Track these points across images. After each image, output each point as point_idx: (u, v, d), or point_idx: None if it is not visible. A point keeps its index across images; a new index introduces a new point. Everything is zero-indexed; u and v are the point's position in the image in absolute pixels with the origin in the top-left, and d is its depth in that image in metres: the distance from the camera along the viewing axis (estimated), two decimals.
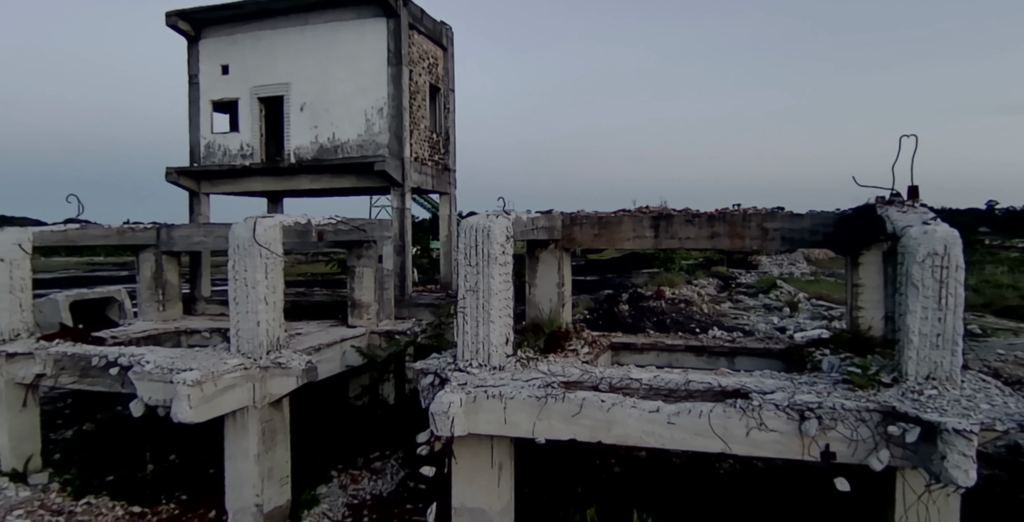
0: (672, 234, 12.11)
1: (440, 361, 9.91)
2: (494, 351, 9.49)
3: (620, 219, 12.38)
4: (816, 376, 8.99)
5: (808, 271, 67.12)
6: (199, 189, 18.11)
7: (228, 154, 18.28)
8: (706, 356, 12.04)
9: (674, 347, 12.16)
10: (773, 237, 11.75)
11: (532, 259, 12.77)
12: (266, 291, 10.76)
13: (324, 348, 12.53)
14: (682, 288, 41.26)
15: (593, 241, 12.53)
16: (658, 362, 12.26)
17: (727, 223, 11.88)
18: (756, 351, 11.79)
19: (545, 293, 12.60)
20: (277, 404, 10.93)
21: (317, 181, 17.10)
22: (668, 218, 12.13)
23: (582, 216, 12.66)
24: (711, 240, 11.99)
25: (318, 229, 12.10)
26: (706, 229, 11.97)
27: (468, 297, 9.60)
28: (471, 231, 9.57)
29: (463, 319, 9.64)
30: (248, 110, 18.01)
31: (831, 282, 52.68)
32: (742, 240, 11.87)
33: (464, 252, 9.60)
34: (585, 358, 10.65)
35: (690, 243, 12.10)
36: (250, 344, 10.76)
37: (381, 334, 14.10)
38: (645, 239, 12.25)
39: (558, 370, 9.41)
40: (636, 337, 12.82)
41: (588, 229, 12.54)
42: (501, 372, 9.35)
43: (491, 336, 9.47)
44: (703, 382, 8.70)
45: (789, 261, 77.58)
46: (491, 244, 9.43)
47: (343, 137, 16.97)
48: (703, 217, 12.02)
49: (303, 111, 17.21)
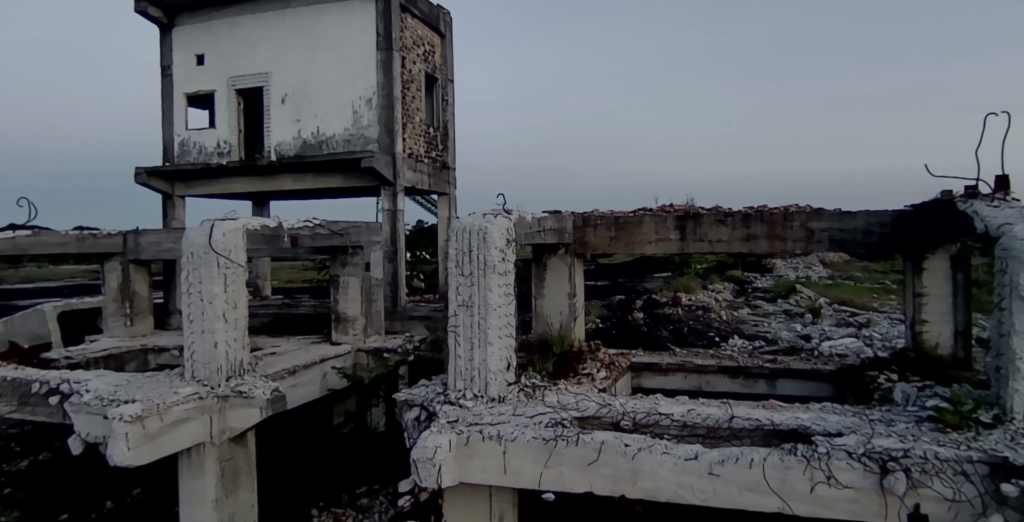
0: (701, 236, 10.43)
1: (428, 390, 8.26)
2: (492, 379, 7.83)
3: (640, 219, 10.72)
4: (890, 411, 7.28)
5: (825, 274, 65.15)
6: (173, 191, 16.53)
7: (204, 152, 16.71)
8: (742, 378, 10.33)
9: (705, 368, 10.46)
10: (819, 239, 10.06)
11: (539, 266, 11.12)
12: (225, 306, 9.15)
13: (300, 370, 10.91)
14: (698, 293, 39.42)
15: (609, 245, 10.87)
16: (686, 386, 10.57)
17: (765, 223, 10.20)
18: (802, 373, 10.08)
19: (554, 305, 10.95)
20: (240, 439, 9.31)
21: (300, 181, 15.49)
22: (696, 218, 10.46)
23: (596, 216, 11.00)
24: (746, 243, 10.31)
25: (291, 233, 10.50)
26: (740, 230, 10.29)
27: (461, 314, 7.96)
28: (464, 234, 7.94)
29: (455, 341, 8.00)
30: (225, 103, 16.44)
31: (850, 286, 50.74)
32: (783, 242, 10.19)
33: (456, 259, 7.97)
34: (602, 384, 8.98)
35: (722, 246, 10.42)
36: (207, 369, 9.16)
37: (369, 352, 12.47)
38: (669, 242, 10.58)
39: (570, 402, 7.73)
40: (660, 356, 11.12)
41: (603, 231, 10.89)
42: (501, 405, 7.69)
43: (489, 361, 7.82)
44: (750, 419, 7.01)
45: (805, 264, 75.53)
46: (488, 249, 7.79)
47: (328, 131, 15.39)
48: (737, 216, 10.34)
49: (284, 103, 15.66)
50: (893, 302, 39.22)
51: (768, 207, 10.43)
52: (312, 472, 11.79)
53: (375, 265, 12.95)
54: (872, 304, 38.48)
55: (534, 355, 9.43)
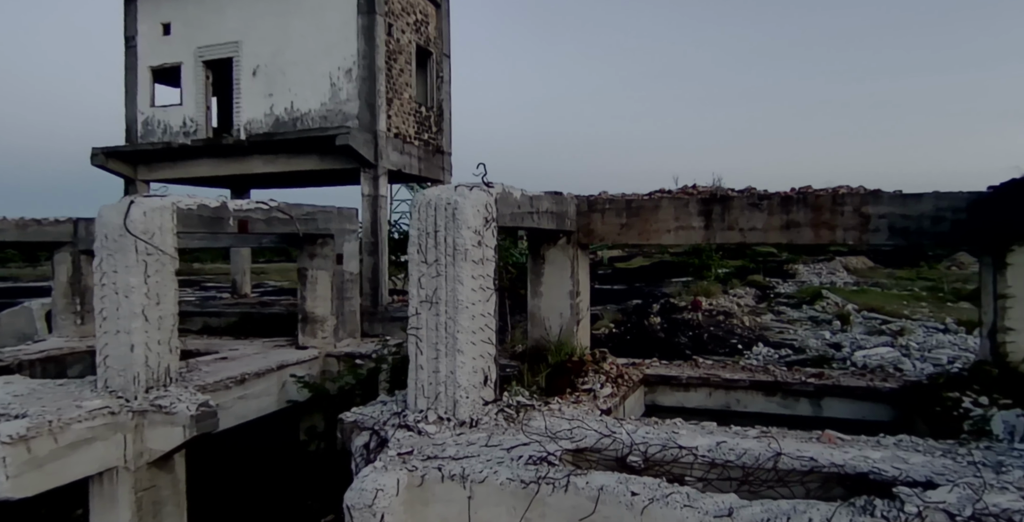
0: (730, 223, 8.62)
1: (384, 410, 6.53)
2: (463, 397, 6.08)
3: (657, 203, 8.93)
4: (992, 449, 5.42)
5: (850, 280, 62.67)
6: (135, 175, 14.96)
7: (169, 132, 15.13)
8: (780, 396, 8.49)
9: (734, 383, 8.62)
10: (876, 227, 8.22)
11: (536, 259, 9.37)
12: (145, 301, 7.48)
13: (251, 379, 9.22)
14: (719, 298, 37.39)
15: (619, 233, 9.09)
16: (711, 404, 8.74)
17: (810, 207, 8.37)
18: (855, 391, 8.21)
19: (553, 305, 9.19)
20: (163, 464, 7.62)
21: (272, 163, 13.84)
22: (724, 201, 8.66)
23: (604, 199, 9.23)
24: (786, 231, 8.47)
25: (239, 217, 8.81)
26: (779, 216, 8.47)
27: (423, 312, 6.22)
28: (427, 210, 6.21)
29: (415, 347, 6.26)
30: (192, 77, 14.85)
31: (877, 292, 48.36)
32: (831, 231, 8.35)
33: (418, 242, 6.24)
34: (606, 402, 7.18)
35: (756, 236, 8.60)
36: (122, 378, 7.49)
37: (340, 358, 10.75)
38: (692, 230, 8.78)
39: (563, 428, 5.96)
40: (679, 367, 9.30)
41: (612, 217, 9.11)
42: (473, 431, 5.94)
43: (458, 373, 6.07)
44: (803, 457, 5.21)
45: (828, 270, 73.12)
46: (459, 229, 6.05)
47: (303, 107, 13.75)
48: (774, 200, 8.52)
49: (256, 76, 14.05)
50: (924, 310, 37.05)
51: (813, 189, 8.61)
52: (272, 497, 10.08)
53: (349, 257, 11.25)
54: (902, 311, 36.33)
55: (524, 367, 7.66)
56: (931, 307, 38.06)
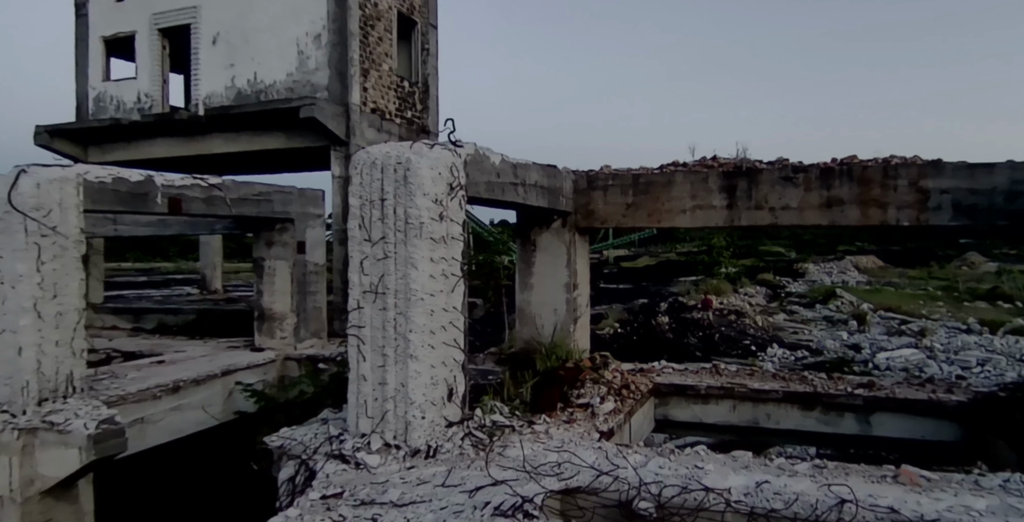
0: (759, 201, 7.14)
1: (319, 432, 5.07)
2: (416, 417, 4.62)
3: (670, 178, 7.45)
4: None
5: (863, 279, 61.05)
6: (86, 157, 13.48)
7: (122, 108, 13.66)
8: (820, 411, 6.98)
9: (764, 394, 7.11)
10: (938, 204, 6.73)
11: (526, 245, 7.91)
12: (38, 294, 6.05)
13: (188, 387, 7.78)
14: (730, 297, 35.86)
15: (625, 215, 7.61)
16: (736, 419, 7.25)
17: (856, 181, 6.89)
18: (913, 405, 6.69)
19: (546, 300, 7.73)
20: (62, 493, 6.18)
21: (234, 142, 12.32)
22: (751, 175, 7.18)
23: (607, 174, 7.76)
24: (826, 211, 6.99)
25: (170, 194, 7.36)
26: (817, 192, 6.99)
27: (367, 307, 4.76)
28: (371, 172, 4.76)
29: (357, 352, 4.80)
30: (147, 47, 13.33)
31: (892, 292, 46.70)
32: (881, 209, 6.86)
33: (359, 214, 4.79)
34: (607, 421, 5.70)
35: (789, 217, 7.11)
36: (7, 388, 6.06)
37: (300, 361, 9.29)
38: (712, 210, 7.29)
39: (548, 460, 4.49)
40: (696, 375, 7.79)
41: (616, 195, 7.64)
42: (429, 463, 4.48)
43: (411, 386, 4.61)
44: (877, 507, 3.74)
45: (839, 269, 71.57)
46: (412, 197, 4.59)
47: (268, 78, 12.25)
48: (812, 173, 7.04)
49: (216, 44, 12.55)
50: (942, 309, 35.48)
51: (859, 159, 7.12)
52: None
53: (314, 246, 9.80)
54: (920, 311, 34.79)
55: (505, 375, 6.20)
56: (948, 306, 36.49)
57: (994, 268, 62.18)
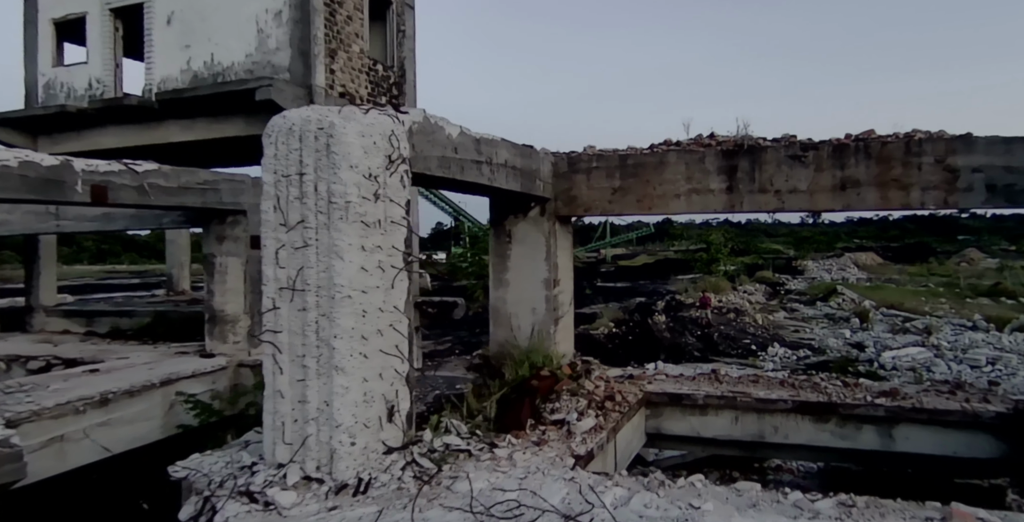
0: (763, 183, 6.24)
1: (232, 460, 4.17)
2: (344, 443, 3.71)
3: (662, 158, 6.56)
4: None
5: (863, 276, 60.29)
6: (36, 147, 12.61)
7: (73, 95, 12.73)
8: (835, 423, 6.07)
9: (771, 404, 6.20)
10: (969, 184, 5.85)
11: (500, 236, 7.02)
12: None
13: (119, 400, 6.87)
14: (729, 294, 34.99)
15: (612, 201, 6.72)
16: (738, 433, 6.35)
17: (874, 159, 6.00)
18: (944, 416, 5.79)
19: (523, 298, 6.83)
20: None
21: (191, 129, 11.37)
22: (754, 153, 6.29)
23: (590, 155, 6.87)
24: (840, 194, 6.10)
25: (92, 181, 6.45)
26: (830, 172, 6.10)
27: (283, 306, 3.86)
28: (288, 141, 3.85)
29: (272, 363, 3.89)
30: (98, 29, 12.39)
31: (893, 289, 45.95)
32: (904, 192, 5.97)
33: (274, 193, 3.88)
34: (586, 441, 4.79)
35: (798, 200, 6.22)
36: None
37: (256, 367, 8.34)
38: (709, 195, 6.40)
39: (505, 497, 3.59)
40: (693, 382, 6.86)
41: (601, 179, 6.74)
42: (358, 502, 3.57)
43: (337, 404, 3.71)
44: None
45: (838, 266, 70.92)
46: (337, 170, 3.69)
47: (226, 59, 11.32)
48: (824, 150, 6.15)
49: (171, 24, 11.63)
50: (944, 306, 34.69)
51: (877, 135, 6.23)
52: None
53: None
54: (923, 308, 33.97)
55: (470, 386, 5.29)
56: (951, 303, 35.71)
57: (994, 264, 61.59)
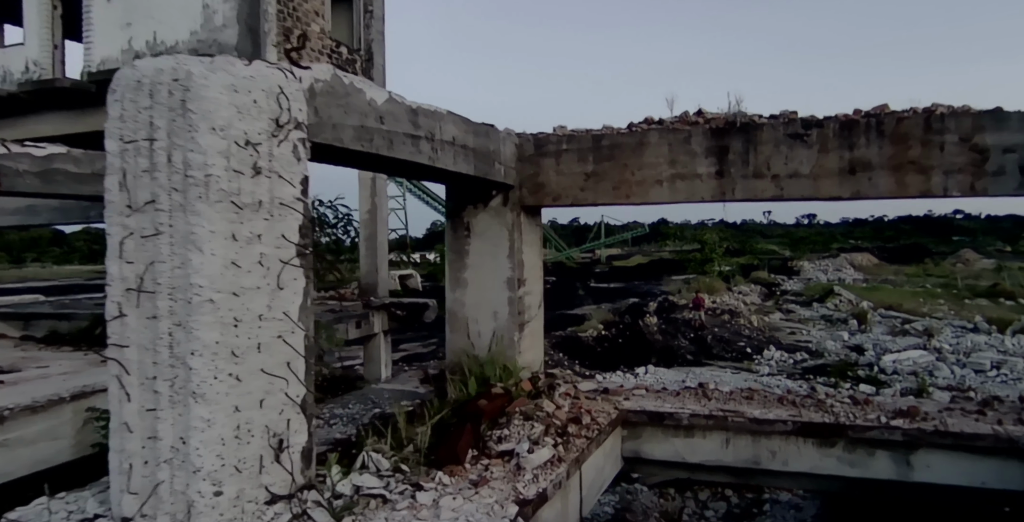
0: (758, 167, 5.35)
1: (77, 507, 3.25)
2: (203, 492, 2.80)
3: (642, 139, 5.67)
4: None
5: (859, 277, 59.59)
6: None
7: (9, 79, 11.86)
8: (843, 448, 5.15)
9: (768, 425, 5.28)
10: (1000, 166, 4.97)
11: (457, 229, 6.12)
12: None
13: (18, 416, 5.96)
14: (723, 295, 34.15)
15: (584, 188, 5.82)
16: (729, 458, 5.44)
17: (889, 138, 5.12)
18: (972, 442, 4.88)
19: (483, 300, 5.94)
20: None
21: None
22: (749, 132, 5.39)
23: (560, 136, 5.97)
24: (848, 179, 5.21)
25: None
26: (836, 154, 5.21)
27: (131, 313, 2.93)
28: (135, 98, 2.92)
29: (118, 387, 2.97)
30: (35, 8, 11.52)
31: (890, 289, 45.21)
32: (923, 176, 5.08)
33: (120, 166, 2.95)
34: (539, 478, 3.88)
35: (799, 187, 5.32)
36: None
37: None
38: (696, 180, 5.50)
39: None
40: (678, 398, 5.92)
41: (573, 163, 5.84)
42: None
43: (194, 442, 2.79)
44: None
45: (834, 267, 70.22)
46: (194, 134, 2.76)
47: (169, 38, 10.42)
48: (829, 127, 5.25)
49: (111, 1, 10.78)
50: (943, 307, 33.92)
51: (891, 110, 5.34)
52: None
53: None
54: (921, 309, 33.20)
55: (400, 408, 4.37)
56: (950, 304, 34.94)
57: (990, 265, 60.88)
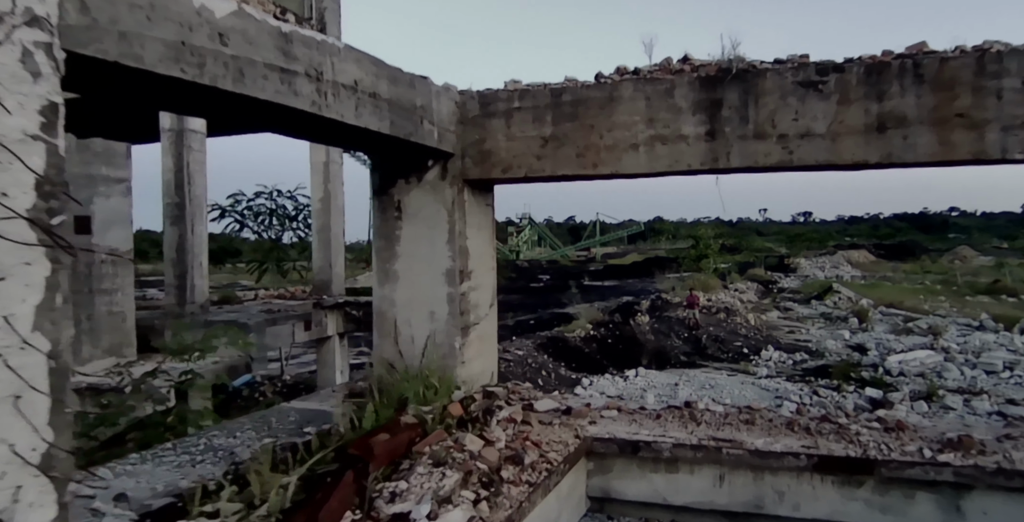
0: (760, 126, 4.16)
1: None
2: None
3: (612, 93, 4.46)
4: None
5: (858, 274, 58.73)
6: None
7: None
8: (874, 488, 3.94)
9: (774, 457, 4.05)
10: None
11: (386, 209, 4.91)
12: None
13: None
14: (719, 293, 33.00)
15: (541, 156, 4.61)
16: (725, 499, 4.20)
17: (930, 84, 3.93)
18: None
19: (416, 297, 4.74)
20: None
21: None
22: (748, 81, 4.20)
23: (511, 92, 4.76)
24: (876, 138, 4.01)
25: None
26: (862, 105, 4.01)
27: None
28: None
29: None
30: None
31: (889, 286, 44.30)
32: (976, 133, 3.89)
33: None
34: None
35: (814, 149, 4.12)
36: None
37: (83, 391, 6.20)
38: (682, 143, 4.30)
39: None
40: (657, 421, 4.61)
41: (527, 124, 4.64)
42: None
43: None
44: None
45: (831, 264, 69.46)
46: None
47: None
48: (852, 72, 4.06)
49: None
50: (945, 304, 32.93)
51: (930, 49, 4.15)
52: None
53: (108, 224, 6.79)
54: (922, 306, 32.17)
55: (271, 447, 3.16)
56: (951, 301, 34.00)
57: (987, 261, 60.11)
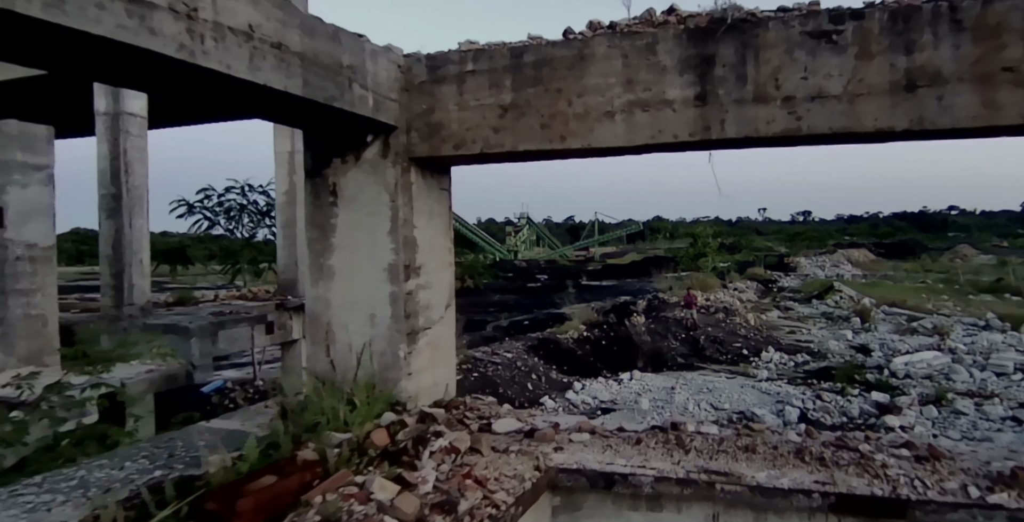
0: (761, 86, 3.41)
1: None
2: None
3: (583, 51, 3.71)
4: None
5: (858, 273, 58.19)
6: None
7: None
8: None
9: (781, 494, 3.27)
10: None
11: (319, 194, 4.15)
12: None
13: None
14: (717, 293, 32.26)
15: (499, 128, 3.85)
16: None
17: (970, 32, 3.18)
18: None
19: (354, 298, 3.99)
20: None
21: None
22: (746, 33, 3.45)
23: (463, 54, 4.00)
24: (904, 99, 3.25)
25: None
26: (886, 59, 3.26)
27: None
28: None
29: None
30: None
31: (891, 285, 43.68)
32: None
33: None
34: None
35: (826, 115, 3.37)
36: None
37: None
38: (667, 109, 3.55)
39: None
40: (636, 447, 3.80)
41: (483, 91, 3.89)
42: None
43: None
44: None
45: (832, 263, 69.05)
46: None
47: None
48: (873, 20, 3.31)
49: None
50: (948, 303, 32.26)
51: None
52: None
53: (26, 216, 6.03)
54: (925, 305, 31.48)
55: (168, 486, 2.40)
56: (954, 300, 33.39)
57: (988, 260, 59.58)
